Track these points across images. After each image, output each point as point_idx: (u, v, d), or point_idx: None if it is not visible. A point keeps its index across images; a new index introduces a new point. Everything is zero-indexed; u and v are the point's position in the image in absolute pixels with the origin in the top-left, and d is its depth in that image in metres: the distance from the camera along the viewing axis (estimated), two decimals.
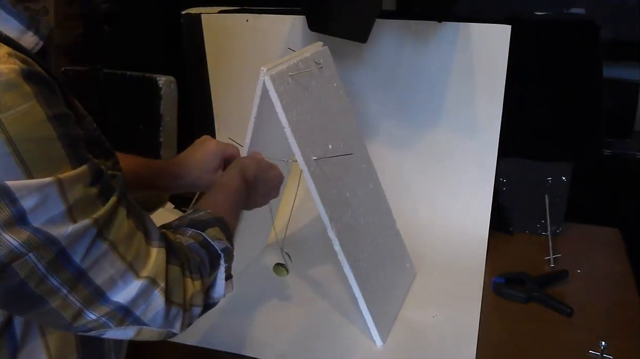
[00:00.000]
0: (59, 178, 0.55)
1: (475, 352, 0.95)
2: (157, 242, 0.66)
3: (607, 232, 1.33)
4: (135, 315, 0.63)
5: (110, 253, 0.60)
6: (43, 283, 0.57)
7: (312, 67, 1.01)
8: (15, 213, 0.53)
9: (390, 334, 1.00)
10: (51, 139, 0.55)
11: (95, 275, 0.59)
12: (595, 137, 1.27)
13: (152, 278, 0.63)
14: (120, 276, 0.61)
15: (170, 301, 0.65)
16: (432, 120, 1.30)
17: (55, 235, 0.55)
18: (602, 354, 0.92)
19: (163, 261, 0.65)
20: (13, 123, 0.52)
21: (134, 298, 0.62)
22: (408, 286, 1.14)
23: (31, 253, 0.54)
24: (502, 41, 1.18)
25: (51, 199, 0.55)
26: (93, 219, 0.58)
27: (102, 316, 0.61)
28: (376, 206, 1.11)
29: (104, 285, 0.60)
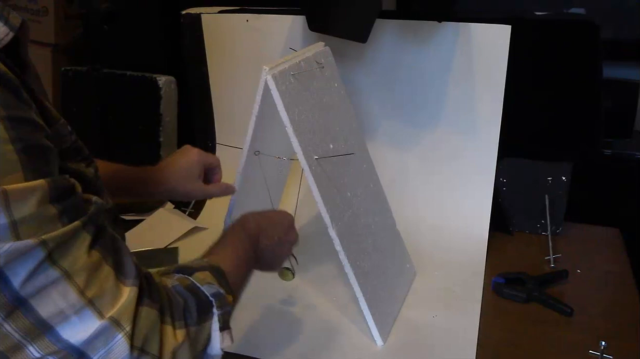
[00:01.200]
0: (3, 189, 0.49)
1: (475, 352, 0.95)
2: (131, 281, 0.57)
3: (607, 232, 1.33)
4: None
5: (63, 283, 0.52)
6: None
7: (314, 67, 1.01)
8: None
9: (391, 334, 1.00)
10: (1, 141, 0.49)
11: (39, 306, 0.52)
12: (595, 137, 1.27)
13: (115, 319, 0.55)
14: (74, 312, 0.53)
15: (139, 350, 0.56)
16: (432, 120, 1.30)
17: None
18: (602, 354, 0.92)
19: (133, 301, 0.56)
20: None
21: (89, 339, 0.54)
22: (408, 287, 1.14)
23: None
24: (502, 41, 1.18)
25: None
26: (39, 239, 0.51)
27: (47, 355, 0.53)
28: (376, 207, 1.11)
29: (52, 319, 0.52)
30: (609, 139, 1.45)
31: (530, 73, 1.24)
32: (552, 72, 1.23)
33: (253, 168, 1.02)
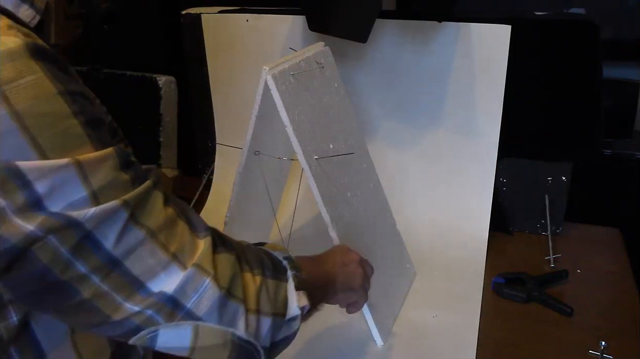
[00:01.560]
0: (77, 160, 0.50)
1: (475, 352, 0.95)
2: (203, 233, 0.60)
3: (607, 232, 1.33)
4: (186, 308, 0.56)
5: (149, 241, 0.54)
6: (69, 269, 0.51)
7: (314, 67, 1.01)
8: (28, 197, 0.48)
9: (391, 334, 1.00)
10: (65, 115, 0.50)
11: (132, 265, 0.53)
12: (595, 137, 1.27)
13: (198, 264, 0.57)
14: (162, 267, 0.55)
15: (227, 292, 0.58)
16: (432, 120, 1.30)
17: (76, 216, 0.50)
18: (602, 354, 0.92)
19: (209, 249, 0.59)
20: (18, 96, 0.47)
21: (179, 287, 0.55)
22: (408, 287, 1.14)
23: (51, 236, 0.49)
24: (502, 41, 1.18)
25: (71, 183, 0.49)
26: (122, 200, 0.52)
27: (146, 309, 0.55)
28: (376, 207, 1.11)
29: (143, 276, 0.54)
30: (609, 139, 1.45)
31: (530, 73, 1.24)
32: (552, 72, 1.23)
33: (253, 168, 1.01)
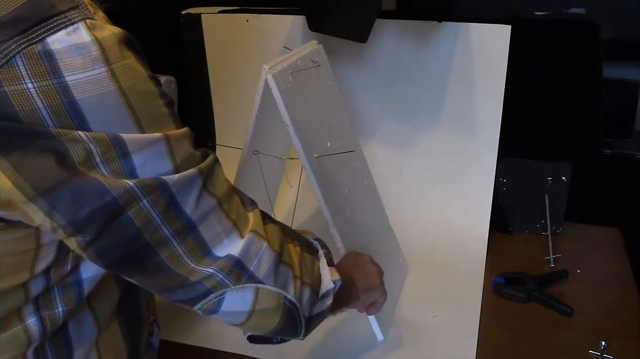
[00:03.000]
0: (167, 135, 0.54)
1: (475, 352, 0.95)
2: (250, 207, 0.66)
3: (607, 232, 1.33)
4: (249, 271, 0.61)
5: (217, 209, 0.59)
6: (157, 233, 0.55)
7: (310, 66, 1.01)
8: (125, 167, 0.52)
9: (391, 334, 1.00)
10: (155, 95, 0.55)
11: (204, 230, 0.58)
12: (595, 137, 1.27)
13: (255, 231, 0.63)
14: (226, 234, 0.60)
15: (279, 256, 0.64)
16: (432, 120, 1.30)
17: (165, 179, 0.54)
18: (602, 354, 0.92)
19: (260, 219, 0.65)
20: (123, 74, 0.51)
21: (243, 251, 0.61)
22: (402, 281, 1.14)
23: (145, 199, 0.53)
24: (502, 41, 1.18)
25: (161, 156, 0.54)
26: (197, 169, 0.57)
27: (218, 272, 0.59)
28: (371, 203, 1.12)
29: (211, 242, 0.59)
30: (609, 139, 1.45)
31: (530, 73, 1.24)
32: (552, 72, 1.23)
33: (252, 167, 1.02)
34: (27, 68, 0.48)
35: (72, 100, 0.49)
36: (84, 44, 0.50)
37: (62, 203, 0.51)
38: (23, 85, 0.48)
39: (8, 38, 0.48)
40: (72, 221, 0.52)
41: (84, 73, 0.49)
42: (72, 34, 0.49)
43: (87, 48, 0.50)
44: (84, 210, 0.52)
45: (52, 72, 0.49)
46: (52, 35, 0.49)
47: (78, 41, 0.49)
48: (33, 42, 0.48)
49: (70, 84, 0.49)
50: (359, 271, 0.84)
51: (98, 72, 0.50)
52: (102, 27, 0.51)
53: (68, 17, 0.50)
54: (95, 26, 0.51)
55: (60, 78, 0.49)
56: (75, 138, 0.50)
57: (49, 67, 0.48)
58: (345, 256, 0.89)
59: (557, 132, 1.27)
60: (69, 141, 0.50)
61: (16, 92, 0.48)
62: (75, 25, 0.50)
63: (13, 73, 0.48)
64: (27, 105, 0.48)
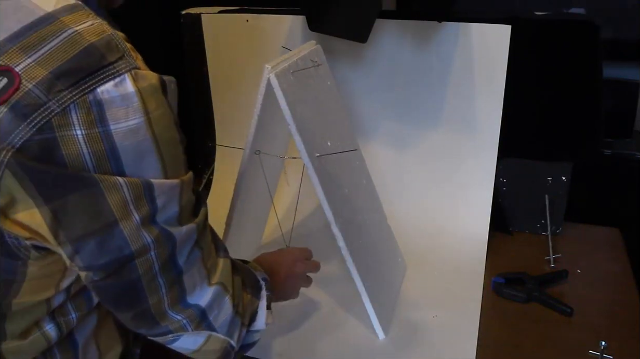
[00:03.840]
0: (182, 181, 0.59)
1: (475, 352, 0.95)
2: (223, 253, 0.70)
3: (607, 232, 1.33)
4: (209, 320, 0.67)
5: (200, 259, 0.64)
6: (153, 281, 0.60)
7: (310, 65, 1.01)
8: (151, 211, 0.56)
9: (391, 333, 1.00)
10: (177, 142, 0.59)
11: (187, 279, 0.63)
12: (595, 137, 1.27)
13: (222, 283, 0.67)
14: (200, 282, 0.65)
15: (235, 309, 0.69)
16: (432, 120, 1.30)
17: (174, 234, 0.59)
18: (602, 354, 0.92)
19: (229, 270, 0.69)
20: (157, 123, 0.56)
21: (210, 302, 0.66)
22: (401, 280, 1.14)
23: (154, 251, 0.58)
24: (502, 41, 1.18)
25: (173, 200, 0.58)
26: (196, 224, 0.62)
27: (184, 318, 0.64)
28: (370, 202, 1.12)
29: (188, 289, 0.63)
30: (609, 139, 1.45)
31: (530, 73, 1.24)
32: (552, 72, 1.23)
33: (254, 167, 1.02)
34: (79, 117, 0.52)
35: (113, 146, 0.53)
36: (128, 94, 0.54)
37: (87, 250, 0.55)
38: (73, 132, 0.52)
39: (64, 88, 0.51)
40: (89, 265, 0.57)
41: (125, 122, 0.53)
42: (119, 85, 0.53)
43: (131, 99, 0.54)
44: (104, 258, 0.56)
45: (100, 121, 0.52)
46: (102, 85, 0.53)
47: (123, 92, 0.53)
48: (86, 92, 0.52)
49: (114, 132, 0.53)
50: (284, 285, 0.91)
51: (137, 122, 0.54)
52: (144, 77, 0.55)
53: (116, 68, 0.54)
54: (139, 76, 0.55)
55: (105, 127, 0.53)
56: (114, 183, 0.54)
57: (98, 116, 0.52)
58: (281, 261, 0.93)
59: (557, 132, 1.27)
60: (108, 188, 0.54)
61: (66, 138, 0.51)
62: (122, 76, 0.54)
63: (66, 121, 0.51)
64: (74, 150, 0.52)
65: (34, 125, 0.50)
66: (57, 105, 0.51)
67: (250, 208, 1.11)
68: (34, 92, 0.51)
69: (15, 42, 0.52)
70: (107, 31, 0.56)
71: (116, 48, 0.55)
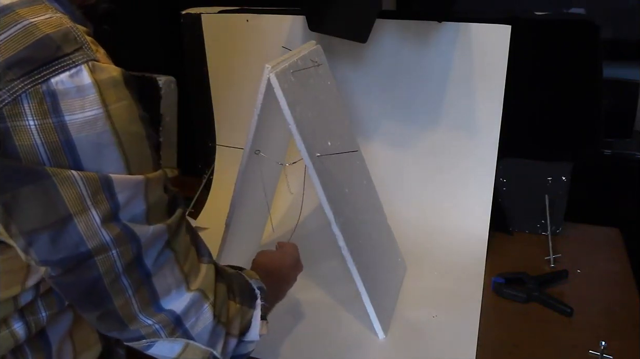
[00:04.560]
0: (147, 178, 0.57)
1: (475, 352, 0.95)
2: (207, 259, 0.68)
3: (607, 232, 1.33)
4: (184, 327, 0.64)
5: (173, 261, 0.62)
6: (116, 282, 0.58)
7: (310, 65, 1.01)
8: (112, 207, 0.55)
9: (391, 333, 1.00)
10: (143, 137, 0.58)
11: (157, 281, 0.61)
12: (595, 137, 1.27)
13: (202, 290, 0.65)
14: (175, 286, 0.62)
15: (217, 319, 0.66)
16: (432, 120, 1.30)
17: (138, 234, 0.57)
18: (602, 354, 0.92)
19: (212, 277, 0.67)
20: (117, 115, 0.55)
21: (186, 309, 0.63)
22: (401, 280, 1.14)
23: (115, 250, 0.56)
24: (502, 41, 1.18)
25: (138, 197, 0.57)
26: (167, 225, 0.60)
27: (156, 323, 0.62)
28: (370, 202, 1.12)
29: (161, 292, 0.62)
30: (609, 139, 1.45)
31: (530, 73, 1.24)
32: (552, 71, 1.23)
33: (253, 167, 1.02)
34: (31, 107, 0.51)
35: (69, 138, 0.52)
36: (84, 86, 0.53)
37: (40, 245, 0.54)
38: (25, 122, 0.51)
39: (16, 77, 0.51)
40: (44, 259, 0.56)
41: (82, 113, 0.53)
42: (75, 76, 0.53)
43: (87, 90, 0.53)
44: (58, 254, 0.55)
45: (54, 111, 0.52)
46: (56, 76, 0.52)
47: (79, 83, 0.53)
48: (38, 82, 0.51)
49: (69, 123, 0.52)
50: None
51: (95, 113, 0.53)
52: (103, 69, 0.55)
53: (72, 59, 0.53)
54: (96, 68, 0.54)
55: (60, 118, 0.52)
56: (68, 177, 0.53)
57: (51, 106, 0.52)
58: (286, 264, 0.93)
59: (557, 132, 1.27)
60: (63, 182, 0.53)
61: (18, 128, 0.51)
62: (78, 67, 0.53)
63: (17, 111, 0.51)
64: (27, 141, 0.51)
65: None
66: (8, 94, 0.51)
67: (250, 208, 1.11)
68: None
69: None
70: (66, 24, 0.55)
71: (74, 40, 0.54)
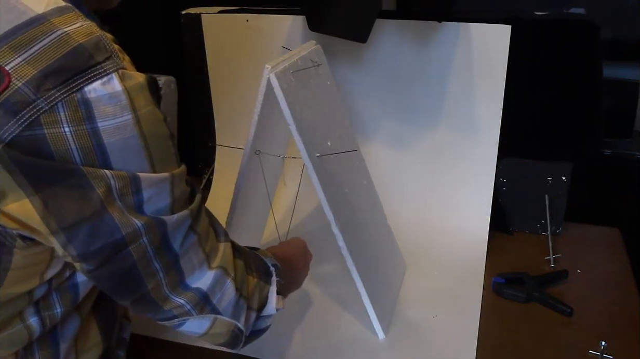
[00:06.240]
0: (172, 174, 0.61)
1: (475, 352, 0.95)
2: (224, 238, 0.71)
3: (607, 232, 1.33)
4: (212, 304, 0.68)
5: (197, 243, 0.65)
6: (149, 266, 0.62)
7: (310, 65, 1.01)
8: (136, 201, 0.58)
9: (391, 334, 1.01)
10: (167, 138, 0.61)
11: (184, 262, 0.64)
12: (595, 137, 1.27)
13: (224, 267, 0.69)
14: (199, 265, 0.66)
15: (239, 292, 0.71)
16: (432, 120, 1.30)
17: (166, 220, 0.61)
18: (602, 354, 0.92)
19: (230, 254, 0.71)
20: (145, 120, 0.58)
21: (211, 286, 0.67)
22: (401, 280, 1.14)
23: (146, 237, 0.60)
24: (502, 41, 1.18)
25: (163, 192, 0.60)
26: (189, 210, 0.64)
27: (187, 303, 0.66)
28: (370, 202, 1.12)
29: (187, 272, 0.65)
30: (609, 139, 1.45)
31: (530, 73, 1.24)
32: (552, 72, 1.23)
33: (254, 167, 1.02)
34: (67, 115, 0.54)
35: (101, 142, 0.55)
36: (116, 93, 0.55)
37: (79, 237, 0.57)
38: (61, 129, 0.54)
39: (52, 87, 0.53)
40: (82, 253, 0.58)
41: (113, 119, 0.55)
42: (107, 84, 0.55)
43: (118, 97, 0.56)
44: (95, 244, 0.58)
45: (87, 118, 0.54)
46: (89, 84, 0.54)
47: (111, 91, 0.55)
48: (73, 91, 0.54)
49: (101, 129, 0.55)
50: (288, 281, 0.89)
51: (126, 119, 0.56)
52: (131, 77, 0.57)
53: (104, 68, 0.55)
54: (125, 76, 0.57)
55: (93, 124, 0.55)
56: (100, 175, 0.56)
57: (85, 114, 0.54)
58: (296, 253, 0.95)
59: (557, 131, 1.27)
60: (95, 178, 0.56)
61: (54, 135, 0.53)
62: (110, 75, 0.56)
63: (54, 119, 0.53)
64: (62, 146, 0.54)
65: (23, 122, 0.52)
66: (45, 103, 0.53)
67: (250, 208, 1.11)
68: (23, 90, 0.52)
69: (6, 41, 0.53)
70: (96, 32, 0.57)
71: (104, 49, 0.56)
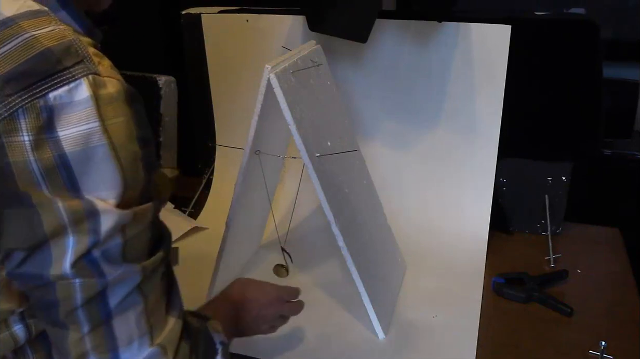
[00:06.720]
0: (135, 212, 0.55)
1: (475, 352, 0.95)
2: (177, 313, 0.63)
3: (607, 232, 1.33)
4: None
5: (141, 308, 0.57)
6: (71, 314, 0.55)
7: (310, 65, 1.01)
8: (91, 244, 0.53)
9: (391, 333, 1.01)
10: (137, 157, 0.55)
11: (118, 326, 0.57)
12: (595, 137, 1.27)
13: (164, 346, 0.60)
14: (138, 337, 0.58)
15: None
16: (432, 120, 1.30)
17: (106, 272, 0.54)
18: (602, 354, 0.92)
19: (177, 334, 0.62)
20: (114, 131, 0.52)
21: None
22: (401, 280, 1.14)
23: (78, 280, 0.53)
24: (502, 41, 1.18)
25: (116, 233, 0.54)
26: (141, 266, 0.56)
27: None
28: (370, 202, 1.12)
29: (121, 341, 0.57)
30: (609, 139, 1.46)
31: (530, 73, 1.24)
32: (552, 71, 1.23)
33: (254, 167, 1.02)
34: (27, 122, 0.50)
35: (62, 153, 0.50)
36: (82, 100, 0.51)
37: (12, 261, 0.53)
38: (20, 138, 0.50)
39: (13, 92, 0.50)
40: (10, 273, 0.54)
41: (76, 127, 0.51)
42: (74, 90, 0.51)
43: (84, 104, 0.51)
44: (25, 270, 0.54)
45: (48, 126, 0.50)
46: (54, 90, 0.50)
47: (77, 97, 0.51)
48: (36, 97, 0.50)
49: (62, 138, 0.50)
50: (247, 323, 0.85)
51: (90, 127, 0.51)
52: (104, 84, 0.53)
53: (72, 73, 0.51)
54: (97, 82, 0.52)
55: (53, 133, 0.50)
56: (52, 207, 0.51)
57: (47, 121, 0.50)
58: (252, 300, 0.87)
59: (557, 131, 1.27)
60: (45, 210, 0.51)
61: (12, 144, 0.50)
62: (78, 81, 0.51)
63: (13, 126, 0.50)
64: (20, 157, 0.50)
65: None
66: (4, 109, 0.50)
67: (250, 208, 1.11)
68: None
69: None
70: (68, 36, 0.53)
71: (75, 53, 0.53)
